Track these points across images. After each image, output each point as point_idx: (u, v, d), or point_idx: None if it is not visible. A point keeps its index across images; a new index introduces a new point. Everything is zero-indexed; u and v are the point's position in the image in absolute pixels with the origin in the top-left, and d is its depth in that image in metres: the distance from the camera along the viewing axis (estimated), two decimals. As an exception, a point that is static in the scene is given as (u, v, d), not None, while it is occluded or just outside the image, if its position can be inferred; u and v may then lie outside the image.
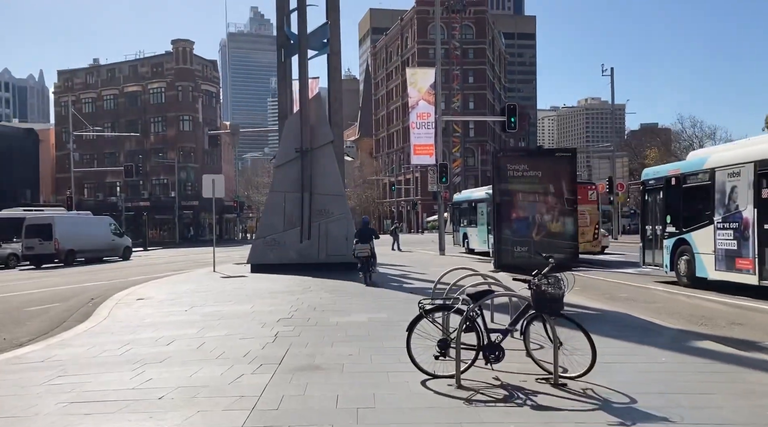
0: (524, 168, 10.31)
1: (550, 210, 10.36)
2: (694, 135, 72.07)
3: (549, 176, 10.30)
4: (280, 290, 14.01)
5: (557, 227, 10.30)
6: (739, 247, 12.66)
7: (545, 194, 10.32)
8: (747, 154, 12.84)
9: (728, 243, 13.02)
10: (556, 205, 10.37)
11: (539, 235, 10.27)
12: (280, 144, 20.77)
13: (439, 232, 28.54)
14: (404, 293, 13.16)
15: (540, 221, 10.24)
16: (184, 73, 70.27)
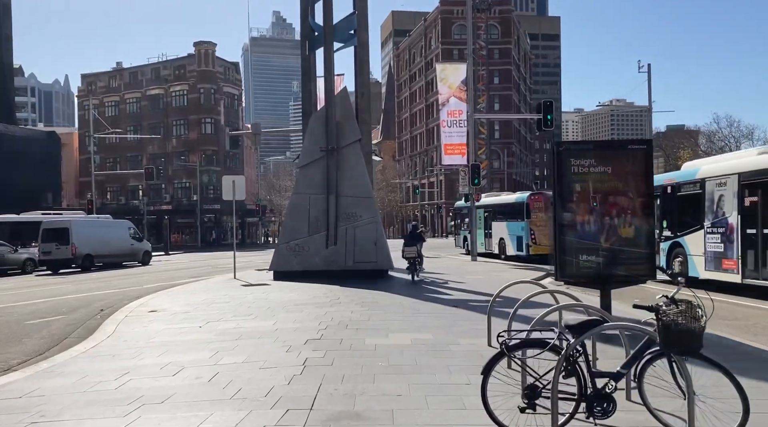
0: (591, 163, 8.75)
1: (621, 212, 8.80)
2: (730, 135, 69.55)
3: (620, 172, 8.74)
4: (305, 302, 12.63)
5: (630, 233, 8.76)
6: (725, 249, 14.28)
7: (616, 194, 8.77)
8: (732, 166, 14.43)
9: (716, 246, 14.64)
10: (629, 207, 8.81)
11: (609, 241, 8.73)
12: (303, 143, 19.46)
13: (471, 237, 27.00)
14: (445, 306, 11.69)
15: (610, 224, 8.68)
16: (206, 76, 69.59)
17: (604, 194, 8.90)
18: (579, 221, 8.96)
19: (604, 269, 8.89)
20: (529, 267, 22.80)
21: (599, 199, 8.93)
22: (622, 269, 8.89)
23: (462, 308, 11.34)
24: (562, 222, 8.97)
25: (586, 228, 8.94)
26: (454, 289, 14.96)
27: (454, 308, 11.35)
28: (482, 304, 12.02)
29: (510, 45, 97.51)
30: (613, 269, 8.90)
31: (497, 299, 13.02)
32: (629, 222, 8.85)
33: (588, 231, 8.93)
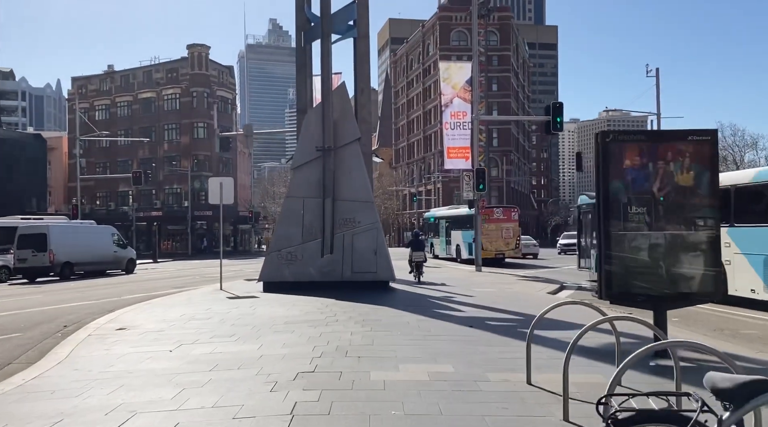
0: (644, 158, 7.17)
1: (681, 218, 7.22)
2: (734, 144, 68.36)
3: (680, 169, 7.14)
4: (297, 319, 10.99)
5: (692, 245, 7.16)
6: None
7: (674, 195, 7.19)
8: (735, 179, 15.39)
9: None
10: (691, 211, 7.23)
11: (666, 253, 7.13)
12: (298, 142, 17.88)
13: (475, 245, 25.42)
14: (458, 326, 10.06)
15: (668, 232, 7.09)
16: (200, 79, 67.99)
17: (660, 196, 7.35)
18: (629, 228, 7.40)
19: (660, 286, 7.32)
20: (539, 278, 21.23)
21: (654, 202, 7.37)
22: (683, 286, 7.32)
23: (478, 328, 9.73)
24: (608, 230, 7.40)
25: (637, 237, 7.37)
26: (463, 304, 13.35)
27: (468, 328, 9.73)
28: (501, 323, 10.44)
29: (509, 52, 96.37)
30: (672, 287, 7.33)
31: (517, 317, 11.44)
32: (690, 230, 7.30)
33: (641, 241, 7.37)
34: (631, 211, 7.39)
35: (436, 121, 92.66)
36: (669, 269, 7.28)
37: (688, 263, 7.31)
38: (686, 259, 7.31)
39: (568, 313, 11.39)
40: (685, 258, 7.31)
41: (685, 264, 7.32)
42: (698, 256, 7.29)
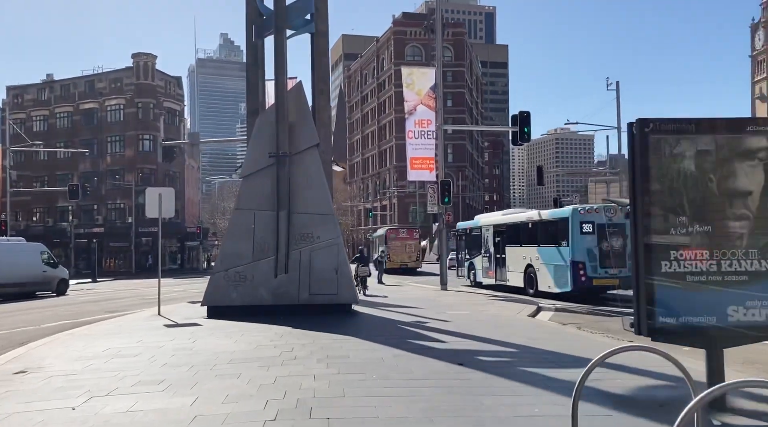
0: (694, 151, 5.57)
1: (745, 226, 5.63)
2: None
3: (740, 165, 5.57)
4: (245, 356, 9.00)
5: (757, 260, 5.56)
6: (489, 265, 24.86)
7: (734, 197, 5.59)
8: (489, 221, 26.14)
9: (486, 264, 25.23)
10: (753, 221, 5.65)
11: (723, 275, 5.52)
12: (248, 147, 15.92)
13: (440, 263, 23.78)
14: (445, 364, 8.25)
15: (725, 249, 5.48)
16: (145, 89, 64.91)
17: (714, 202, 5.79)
18: (675, 243, 5.79)
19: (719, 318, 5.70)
20: (510, 298, 19.69)
21: (708, 208, 5.80)
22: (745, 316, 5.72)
23: (470, 366, 7.96)
24: (650, 244, 5.77)
25: (685, 254, 5.76)
26: (440, 331, 11.59)
27: (459, 367, 7.95)
28: (495, 359, 8.70)
29: (463, 68, 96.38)
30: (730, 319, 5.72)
31: (510, 350, 9.72)
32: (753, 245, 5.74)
33: (689, 259, 5.76)
34: (678, 221, 5.78)
35: (391, 136, 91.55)
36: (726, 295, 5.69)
37: (759, 289, 5.72)
38: (749, 282, 5.73)
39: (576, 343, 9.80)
40: (747, 281, 5.72)
41: (747, 288, 5.73)
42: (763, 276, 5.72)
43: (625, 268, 18.42)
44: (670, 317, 5.73)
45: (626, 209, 47.47)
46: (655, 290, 5.75)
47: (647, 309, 5.76)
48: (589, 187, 49.92)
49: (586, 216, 19.38)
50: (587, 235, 19.01)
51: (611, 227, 19.03)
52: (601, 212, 19.49)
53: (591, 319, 14.86)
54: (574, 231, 19.16)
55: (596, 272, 18.79)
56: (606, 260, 18.88)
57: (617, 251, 18.93)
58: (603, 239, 18.92)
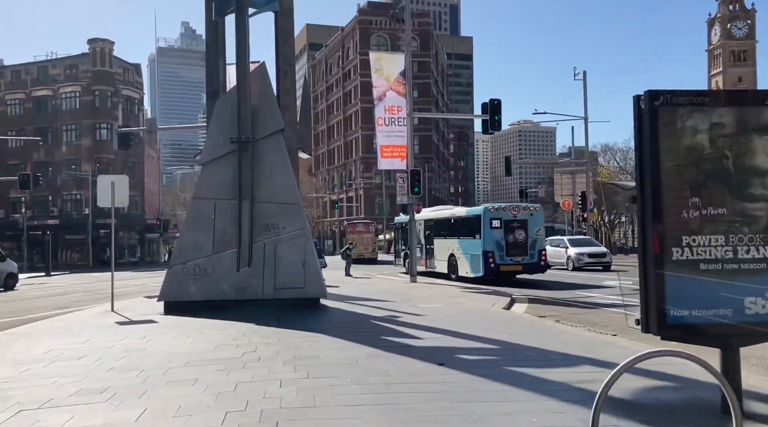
0: (707, 125, 4.93)
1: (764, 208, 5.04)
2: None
3: (759, 141, 4.96)
4: (203, 358, 8.15)
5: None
6: (421, 254, 27.28)
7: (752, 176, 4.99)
8: (421, 216, 27.47)
9: (418, 253, 26.70)
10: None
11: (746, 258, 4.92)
12: (208, 132, 14.93)
13: (410, 253, 23.11)
14: (425, 365, 7.53)
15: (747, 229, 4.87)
16: (102, 77, 62.58)
17: (729, 181, 5.18)
18: (686, 228, 5.17)
19: (738, 314, 5.10)
20: (483, 290, 19.12)
21: (723, 189, 5.19)
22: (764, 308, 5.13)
23: (452, 367, 7.25)
24: (659, 230, 5.14)
25: (697, 240, 5.15)
26: (415, 326, 10.89)
27: (439, 367, 7.24)
28: (477, 357, 8.03)
29: (429, 59, 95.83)
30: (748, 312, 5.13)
31: (491, 347, 9.06)
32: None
33: (703, 246, 5.15)
34: (693, 204, 5.15)
35: (357, 127, 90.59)
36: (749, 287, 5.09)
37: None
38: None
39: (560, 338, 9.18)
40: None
41: (765, 279, 5.14)
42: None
43: (527, 256, 22.52)
44: (682, 312, 5.11)
45: (629, 192, 48.23)
46: (665, 282, 5.13)
47: (657, 303, 5.13)
48: (555, 178, 49.70)
49: (495, 214, 22.92)
50: (495, 229, 22.48)
51: (515, 222, 22.77)
52: (507, 210, 23.25)
53: (567, 311, 14.36)
54: (485, 226, 22.50)
55: (503, 260, 22.27)
56: (511, 250, 22.40)
57: (520, 243, 22.57)
58: (509, 232, 22.55)
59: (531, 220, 23.19)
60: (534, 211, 23.72)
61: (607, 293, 18.48)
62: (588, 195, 39.67)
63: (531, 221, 23.16)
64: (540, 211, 24.49)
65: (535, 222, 23.31)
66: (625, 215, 77.94)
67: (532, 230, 22.98)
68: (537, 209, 24.27)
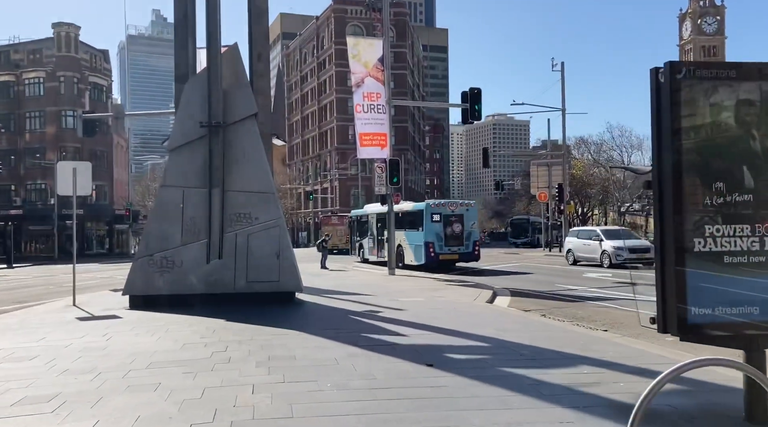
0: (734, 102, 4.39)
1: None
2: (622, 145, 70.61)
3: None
4: (168, 358, 7.43)
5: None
6: (373, 245, 30.38)
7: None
8: (374, 210, 30.76)
9: (371, 244, 30.73)
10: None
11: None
12: (176, 117, 14.08)
13: (389, 246, 22.51)
14: (411, 366, 6.93)
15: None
16: (68, 62, 60.58)
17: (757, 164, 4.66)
18: (709, 216, 4.64)
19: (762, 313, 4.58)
20: (465, 283, 18.64)
21: (750, 172, 4.67)
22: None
23: (442, 367, 6.66)
24: (679, 218, 4.61)
25: (722, 230, 4.63)
26: (397, 322, 10.29)
27: (428, 368, 6.65)
28: (467, 357, 7.45)
29: (405, 49, 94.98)
30: (777, 312, 4.62)
31: (480, 344, 8.50)
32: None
33: (727, 236, 4.63)
34: (716, 189, 4.61)
35: (332, 117, 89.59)
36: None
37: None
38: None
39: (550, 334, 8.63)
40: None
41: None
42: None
43: (462, 246, 25.36)
44: (704, 311, 4.58)
45: (643, 177, 47.55)
46: (686, 276, 4.59)
47: (676, 300, 4.59)
48: (531, 170, 49.52)
49: (436, 209, 25.59)
50: (436, 223, 25.05)
51: (453, 216, 25.47)
52: (446, 206, 26.14)
53: (552, 304, 13.91)
54: (427, 220, 25.09)
55: (442, 249, 24.92)
56: (449, 241, 25.08)
57: (457, 234, 25.33)
58: (447, 225, 25.16)
59: (467, 214, 25.84)
60: (469, 207, 26.52)
61: (591, 286, 18.13)
62: (564, 187, 39.46)
63: (467, 215, 25.81)
64: (475, 207, 27.20)
65: (470, 216, 25.91)
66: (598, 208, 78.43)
67: (467, 223, 25.59)
68: (472, 205, 27.03)
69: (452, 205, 26.47)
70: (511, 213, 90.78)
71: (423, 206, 26.07)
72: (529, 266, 28.30)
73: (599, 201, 73.23)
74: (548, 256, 38.66)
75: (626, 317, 11.63)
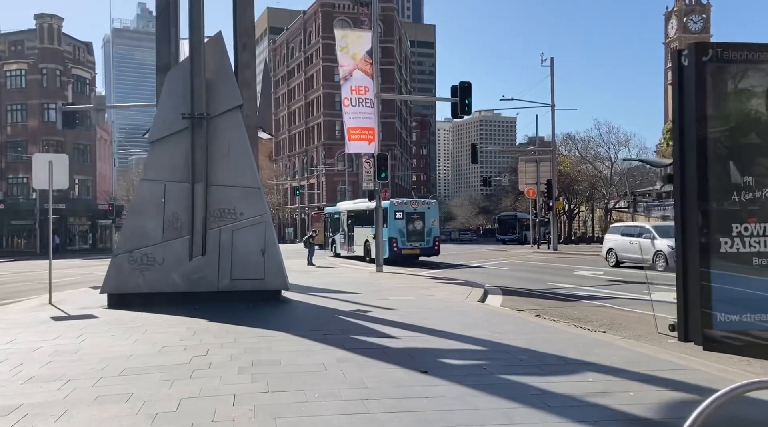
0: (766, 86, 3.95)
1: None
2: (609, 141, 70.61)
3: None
4: (144, 364, 6.93)
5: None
6: (344, 241, 32.00)
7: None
8: (345, 208, 33.45)
9: (342, 239, 32.40)
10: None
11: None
12: (158, 108, 13.51)
13: (376, 243, 22.04)
14: (405, 373, 6.48)
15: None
16: (51, 54, 59.37)
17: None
18: (737, 213, 4.23)
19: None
20: (454, 281, 18.24)
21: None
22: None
23: (437, 374, 6.22)
24: (705, 215, 4.20)
25: (750, 228, 4.22)
26: (387, 323, 9.84)
27: (423, 375, 6.20)
28: (464, 362, 7.02)
29: (392, 44, 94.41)
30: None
31: (477, 348, 8.06)
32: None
33: (757, 235, 4.23)
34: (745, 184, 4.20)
35: (319, 113, 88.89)
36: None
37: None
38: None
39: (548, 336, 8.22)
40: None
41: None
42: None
43: (423, 242, 27.80)
44: (731, 317, 4.17)
45: (663, 169, 48.08)
46: (710, 279, 4.17)
47: (700, 305, 4.17)
48: (519, 166, 49.23)
49: (399, 207, 27.96)
50: (399, 220, 27.47)
51: (415, 214, 27.89)
52: (409, 204, 28.61)
53: (545, 304, 13.53)
54: (391, 217, 27.13)
55: (404, 244, 27.42)
56: (411, 237, 27.55)
57: (418, 231, 27.76)
58: (409, 222, 27.57)
59: (428, 212, 28.13)
60: (430, 205, 28.92)
61: (584, 284, 17.80)
62: (554, 183, 39.18)
63: (428, 213, 28.09)
64: (435, 205, 29.50)
65: (431, 214, 28.19)
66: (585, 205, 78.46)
67: (428, 220, 27.86)
68: (433, 204, 29.41)
69: (414, 203, 28.70)
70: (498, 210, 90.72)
71: (387, 205, 27.07)
72: (517, 264, 27.98)
73: (586, 198, 73.23)
74: (537, 253, 38.39)
75: (624, 317, 11.27)
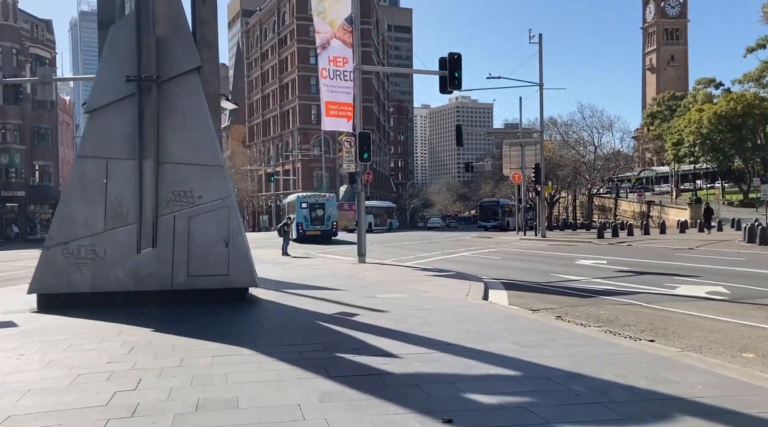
0: None
1: None
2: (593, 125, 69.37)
3: None
4: (42, 403, 4.82)
5: None
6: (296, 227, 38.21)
7: None
8: (291, 199, 43.03)
9: (297, 225, 37.24)
10: None
11: None
12: (97, 70, 11.22)
13: (358, 230, 20.00)
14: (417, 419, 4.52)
15: None
16: (6, 32, 55.77)
17: None
18: None
19: None
20: (444, 273, 16.31)
21: None
22: None
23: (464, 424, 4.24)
24: None
25: None
26: (381, 331, 7.85)
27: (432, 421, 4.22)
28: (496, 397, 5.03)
29: (370, 26, 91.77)
30: None
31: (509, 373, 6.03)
32: None
33: None
34: None
35: (294, 96, 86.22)
36: None
37: None
38: None
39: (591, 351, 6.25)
40: None
41: None
42: None
43: (323, 225, 38.33)
44: None
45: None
46: None
47: None
48: (504, 150, 47.52)
49: (304, 199, 38.92)
50: (304, 209, 38.20)
51: (317, 204, 38.52)
52: (312, 197, 39.48)
53: (560, 301, 11.64)
54: (297, 207, 38.35)
55: (308, 228, 37.89)
56: (313, 222, 38.05)
57: (320, 217, 38.23)
58: (312, 211, 38.20)
59: (327, 204, 38.79)
60: (329, 198, 39.61)
61: (592, 276, 16.01)
62: (542, 167, 37.48)
63: (327, 204, 38.76)
64: (333, 198, 40.40)
65: (330, 205, 38.89)
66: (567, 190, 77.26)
67: (328, 210, 38.49)
68: (331, 196, 40.16)
69: (317, 196, 39.56)
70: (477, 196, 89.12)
71: (294, 198, 39.17)
72: (509, 252, 26.21)
73: (568, 183, 71.99)
74: (525, 240, 36.72)
75: (663, 319, 9.41)
